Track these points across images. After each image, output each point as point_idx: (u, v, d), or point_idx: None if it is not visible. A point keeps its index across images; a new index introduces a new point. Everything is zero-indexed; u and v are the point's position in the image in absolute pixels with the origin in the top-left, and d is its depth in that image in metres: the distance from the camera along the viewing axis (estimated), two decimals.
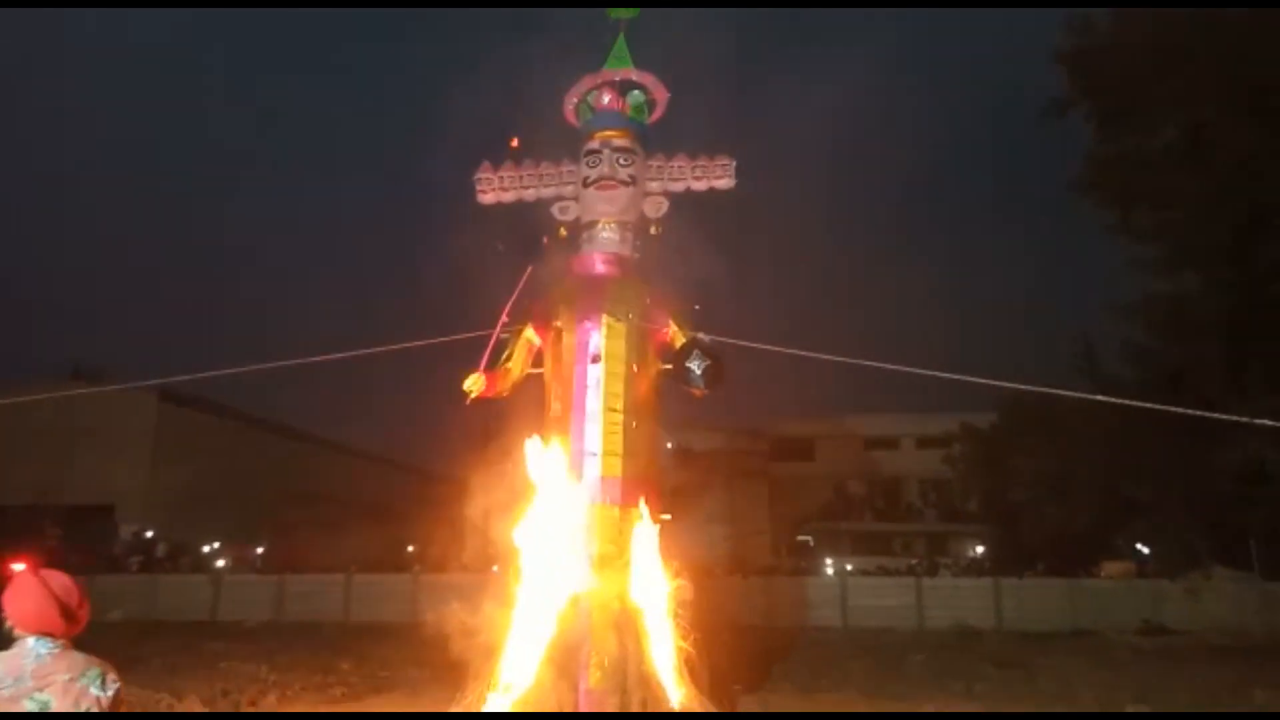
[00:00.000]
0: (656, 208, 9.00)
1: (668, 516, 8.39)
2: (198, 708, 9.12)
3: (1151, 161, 18.04)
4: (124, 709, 2.99)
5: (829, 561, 30.66)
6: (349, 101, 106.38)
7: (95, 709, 2.63)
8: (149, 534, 27.53)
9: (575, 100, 9.37)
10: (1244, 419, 5.54)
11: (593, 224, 8.91)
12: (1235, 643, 16.98)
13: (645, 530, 8.17)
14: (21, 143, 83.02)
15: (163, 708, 9.03)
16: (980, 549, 32.01)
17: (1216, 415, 5.72)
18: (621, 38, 9.43)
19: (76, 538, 26.14)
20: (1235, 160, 16.89)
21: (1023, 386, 8.50)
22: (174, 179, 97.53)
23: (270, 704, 9.62)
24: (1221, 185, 16.86)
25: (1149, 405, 6.97)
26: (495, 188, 9.34)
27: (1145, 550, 25.24)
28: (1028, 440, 23.67)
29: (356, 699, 10.18)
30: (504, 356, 8.73)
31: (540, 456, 8.35)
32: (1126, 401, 7.00)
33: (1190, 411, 6.23)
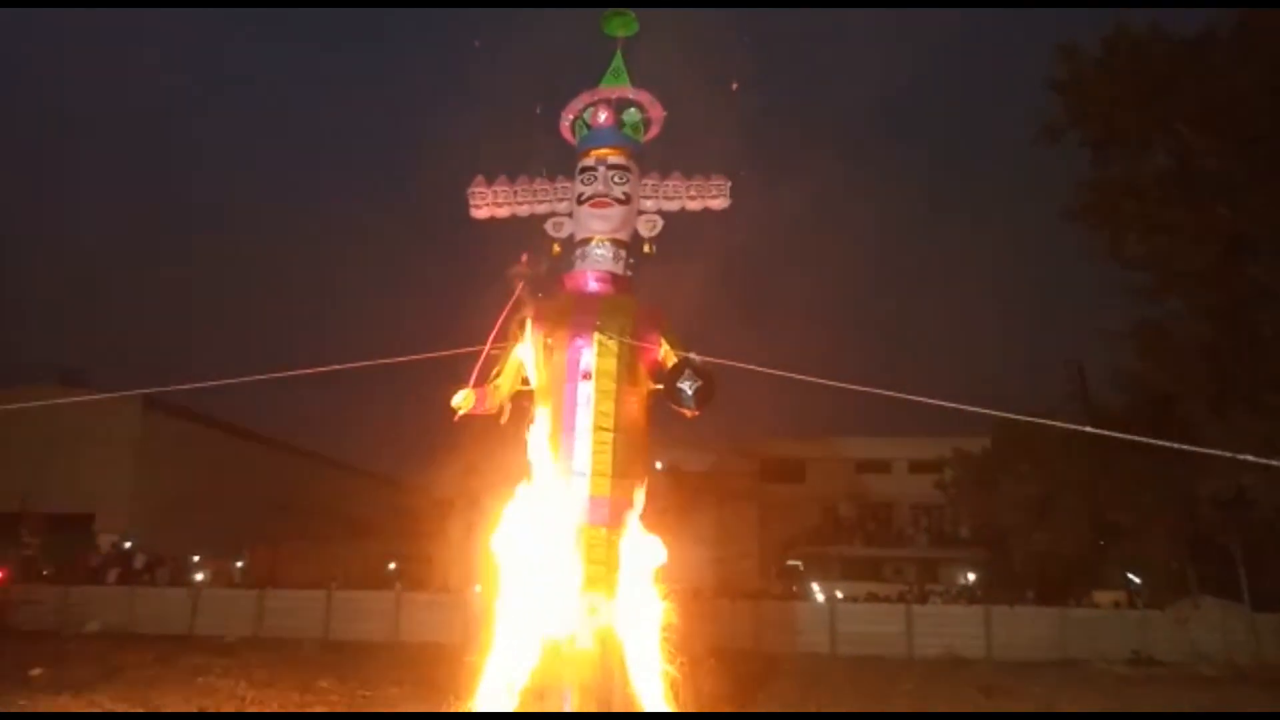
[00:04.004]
0: (651, 226, 8.94)
1: (656, 538, 8.28)
2: None
3: (1140, 188, 18.19)
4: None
5: (815, 587, 30.49)
6: (346, 108, 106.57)
7: None
8: (128, 544, 27.18)
9: (571, 117, 9.34)
10: (1225, 452, 5.50)
11: (586, 241, 8.85)
12: (1223, 673, 16.94)
13: (632, 552, 8.07)
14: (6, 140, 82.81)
15: None
16: (972, 576, 31.90)
17: (1196, 449, 5.69)
18: (619, 55, 9.42)
19: (54, 547, 25.81)
20: (1216, 186, 17.06)
21: (1009, 415, 8.49)
22: (164, 182, 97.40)
23: None
24: (1204, 212, 17.02)
25: (1119, 434, 6.90)
26: (489, 202, 9.29)
27: (1136, 580, 25.20)
28: (1018, 465, 23.69)
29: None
30: (493, 373, 8.65)
31: (527, 476, 8.26)
32: (1104, 431, 6.95)
33: (1168, 444, 6.19)
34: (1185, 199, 17.41)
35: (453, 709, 7.70)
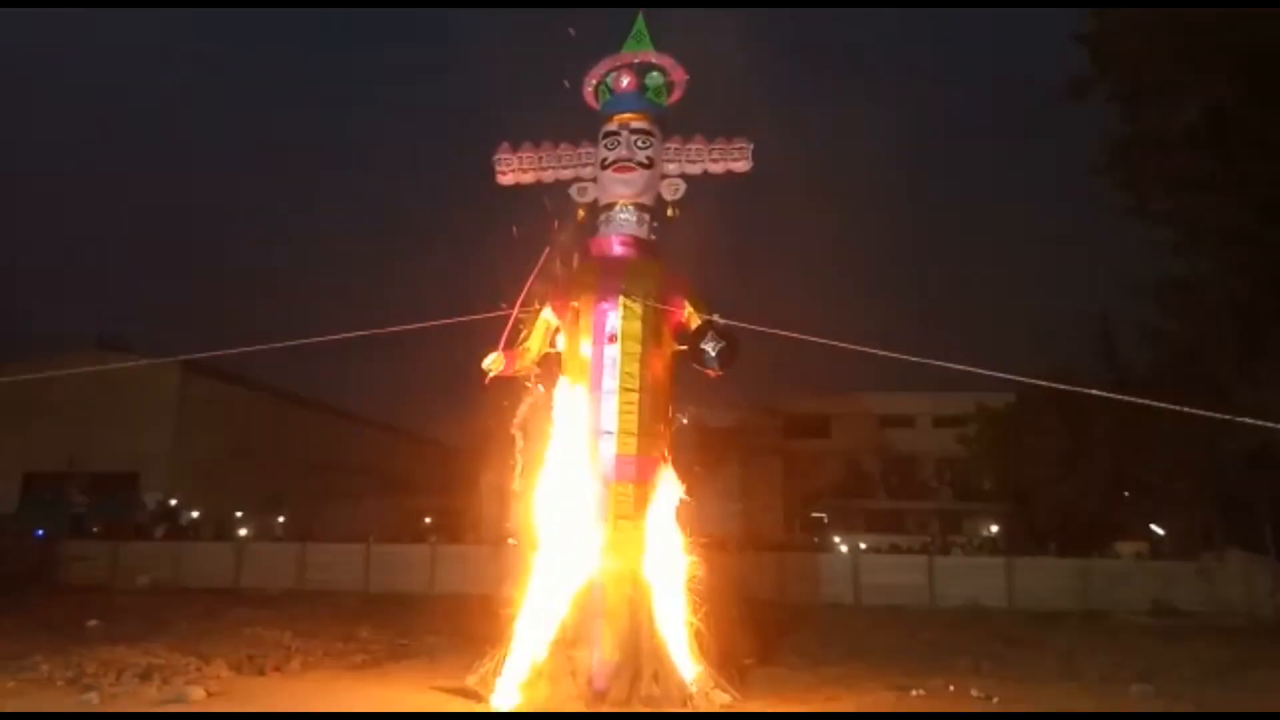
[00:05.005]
0: (674, 190, 9.10)
1: (682, 493, 8.58)
2: (224, 672, 9.44)
3: (1171, 143, 17.85)
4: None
5: (837, 539, 30.85)
6: (382, 76, 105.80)
7: None
8: (173, 502, 28.12)
9: (594, 82, 9.45)
10: (1245, 419, 5.65)
11: (610, 206, 9.04)
12: (1246, 624, 17.05)
13: (659, 507, 8.38)
14: (40, 110, 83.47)
15: (191, 671, 9.35)
16: (994, 528, 32.12)
17: (1211, 414, 5.84)
18: (641, 20, 9.48)
19: (102, 505, 26.76)
20: (1253, 142, 16.70)
21: (1028, 379, 8.62)
22: (199, 147, 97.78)
23: (294, 669, 9.92)
24: (1239, 168, 16.70)
25: (1140, 400, 7.07)
26: (514, 169, 9.48)
27: (1159, 531, 25.29)
28: (1042, 420, 23.72)
29: (376, 665, 10.46)
30: (522, 336, 8.92)
31: (557, 434, 8.57)
32: (1124, 397, 7.12)
33: (1190, 410, 6.34)
34: (1218, 154, 17.07)
35: (489, 658, 8.07)
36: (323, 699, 8.21)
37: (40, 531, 23.01)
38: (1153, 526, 25.08)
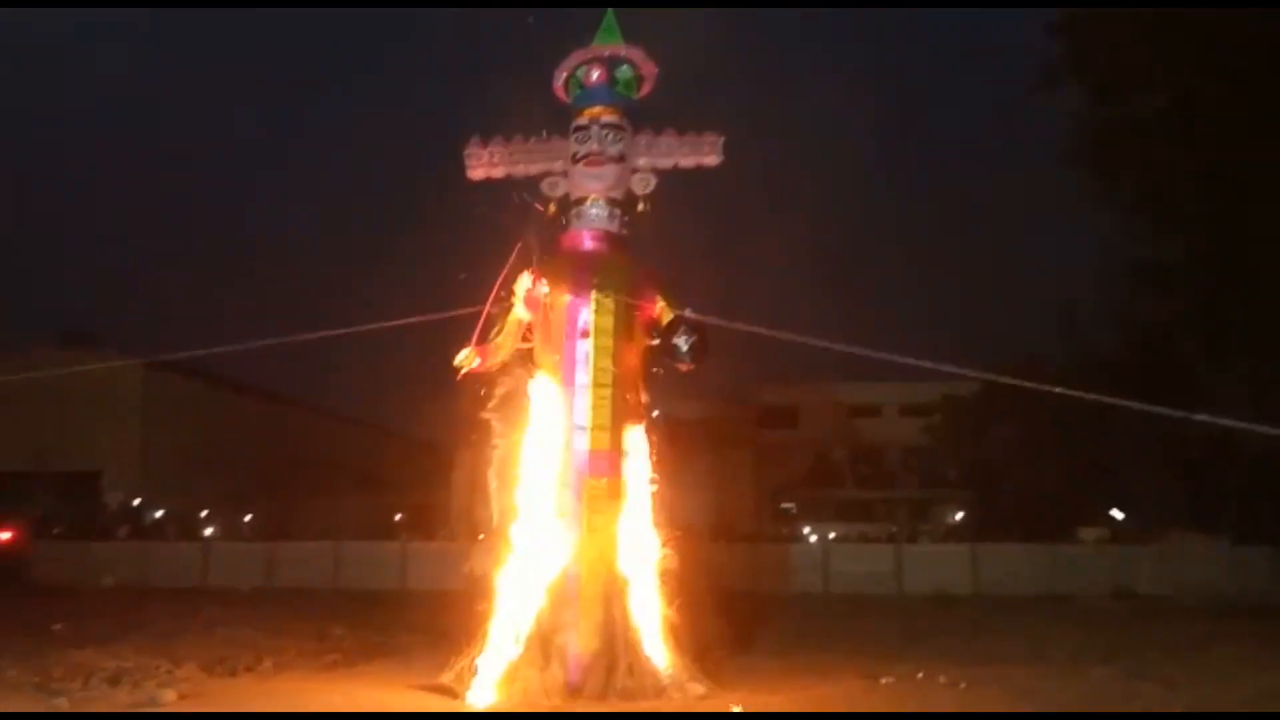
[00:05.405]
0: (644, 184, 9.09)
1: (654, 487, 8.63)
2: (195, 674, 9.32)
3: (1140, 130, 18.16)
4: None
5: (807, 529, 31.14)
6: (353, 69, 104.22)
7: None
8: (136, 501, 27.66)
9: (564, 76, 9.41)
10: (1203, 416, 5.83)
11: (581, 200, 9.02)
12: (1205, 604, 17.52)
13: (632, 501, 8.44)
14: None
15: (161, 674, 9.23)
16: (960, 515, 32.60)
17: (1170, 412, 6.01)
18: (611, 13, 9.46)
19: (63, 505, 26.27)
20: (1219, 129, 17.05)
21: (991, 377, 8.82)
22: (168, 141, 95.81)
23: (267, 669, 9.82)
24: (1206, 154, 17.06)
25: (1107, 399, 7.27)
26: (484, 163, 9.42)
27: (1120, 515, 25.85)
28: (1008, 407, 24.13)
29: (350, 664, 10.38)
30: (494, 332, 8.90)
31: (531, 428, 8.57)
32: (1090, 395, 7.30)
33: (1140, 405, 6.52)
34: (1186, 140, 17.42)
35: (464, 655, 8.06)
36: (297, 699, 8.14)
37: None
38: (1114, 512, 25.63)
